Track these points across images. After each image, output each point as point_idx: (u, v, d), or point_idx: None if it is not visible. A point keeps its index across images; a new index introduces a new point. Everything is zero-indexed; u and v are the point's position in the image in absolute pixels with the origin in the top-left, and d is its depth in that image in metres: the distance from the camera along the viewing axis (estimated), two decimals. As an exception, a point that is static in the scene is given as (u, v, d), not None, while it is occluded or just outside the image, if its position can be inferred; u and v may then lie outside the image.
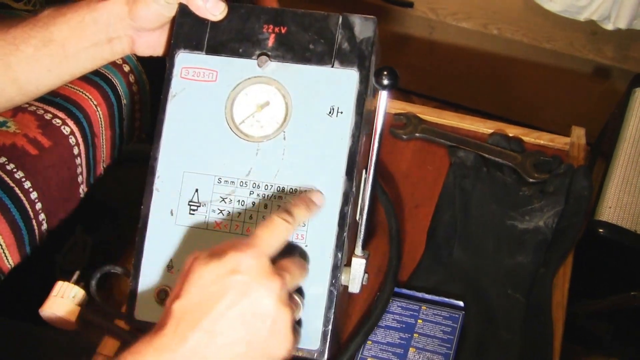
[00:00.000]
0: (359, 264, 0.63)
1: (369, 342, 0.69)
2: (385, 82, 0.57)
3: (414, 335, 0.69)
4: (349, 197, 0.61)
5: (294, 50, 0.64)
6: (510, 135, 0.90)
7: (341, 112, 0.62)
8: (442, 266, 0.77)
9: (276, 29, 0.64)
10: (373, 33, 0.63)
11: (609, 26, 1.44)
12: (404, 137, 0.90)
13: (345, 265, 0.63)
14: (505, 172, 0.84)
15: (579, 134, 0.91)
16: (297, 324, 0.58)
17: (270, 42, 0.64)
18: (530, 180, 0.83)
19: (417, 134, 0.90)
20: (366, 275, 0.64)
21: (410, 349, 0.68)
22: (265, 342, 0.53)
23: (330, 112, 0.62)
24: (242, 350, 0.52)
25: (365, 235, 0.63)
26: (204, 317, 0.51)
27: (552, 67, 1.68)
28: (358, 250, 0.63)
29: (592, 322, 1.07)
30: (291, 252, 0.60)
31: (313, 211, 0.60)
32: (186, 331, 0.51)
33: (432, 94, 1.88)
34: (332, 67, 0.63)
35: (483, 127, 0.91)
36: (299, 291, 0.60)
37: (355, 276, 0.63)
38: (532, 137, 0.90)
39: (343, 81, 0.62)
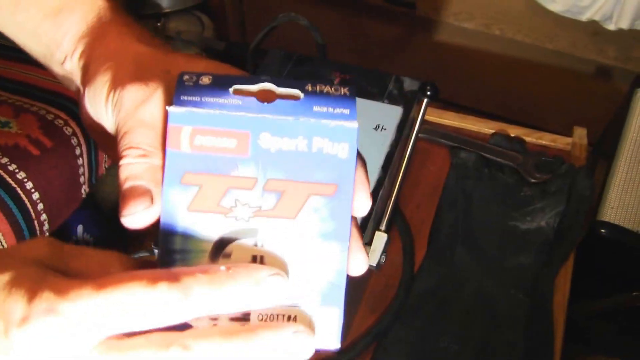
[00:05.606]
0: (381, 237, 0.69)
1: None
2: (428, 93, 0.74)
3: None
4: (381, 184, 0.67)
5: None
6: (512, 135, 0.90)
7: (384, 129, 0.71)
8: (444, 267, 0.77)
9: (342, 76, 0.76)
10: (418, 88, 0.76)
11: (611, 26, 1.44)
12: (406, 137, 0.90)
13: (366, 244, 0.66)
14: (506, 172, 0.84)
15: (580, 134, 0.90)
16: None
17: (336, 82, 0.74)
18: (532, 180, 0.83)
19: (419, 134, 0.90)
20: (384, 255, 0.70)
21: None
22: None
23: (376, 128, 0.72)
24: None
25: (390, 217, 0.71)
26: None
27: (554, 68, 1.68)
28: (383, 226, 0.70)
29: (594, 322, 1.06)
30: None
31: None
32: None
33: (434, 94, 1.87)
34: (383, 102, 0.74)
35: (485, 127, 0.91)
36: None
37: (376, 249, 0.69)
38: (534, 138, 0.90)
39: (390, 112, 0.73)
